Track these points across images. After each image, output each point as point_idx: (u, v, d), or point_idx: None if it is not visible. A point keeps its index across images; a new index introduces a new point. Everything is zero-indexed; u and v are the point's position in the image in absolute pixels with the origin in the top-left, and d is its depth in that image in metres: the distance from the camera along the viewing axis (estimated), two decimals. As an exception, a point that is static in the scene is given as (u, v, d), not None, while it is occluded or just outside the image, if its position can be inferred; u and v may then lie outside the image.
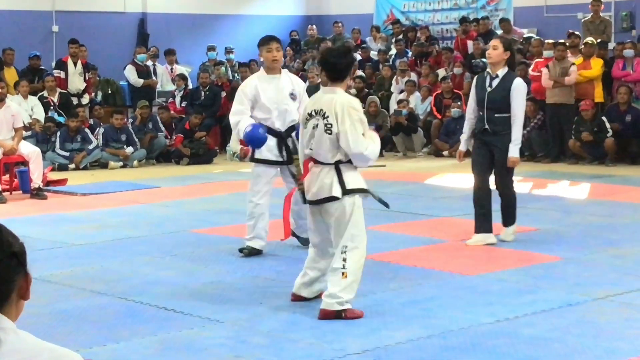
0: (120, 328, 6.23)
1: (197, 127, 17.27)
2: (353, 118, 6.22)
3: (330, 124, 6.23)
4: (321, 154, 6.33)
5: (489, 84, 8.66)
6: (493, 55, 8.64)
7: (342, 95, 6.35)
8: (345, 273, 6.27)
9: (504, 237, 8.95)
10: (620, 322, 6.26)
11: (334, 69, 6.41)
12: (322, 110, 6.29)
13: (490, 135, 8.67)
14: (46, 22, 20.46)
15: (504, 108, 8.57)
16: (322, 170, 6.33)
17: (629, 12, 19.29)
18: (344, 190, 6.28)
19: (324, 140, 6.28)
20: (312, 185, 6.38)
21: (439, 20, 22.15)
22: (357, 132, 6.20)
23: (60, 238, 9.52)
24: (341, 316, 6.28)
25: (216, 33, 22.34)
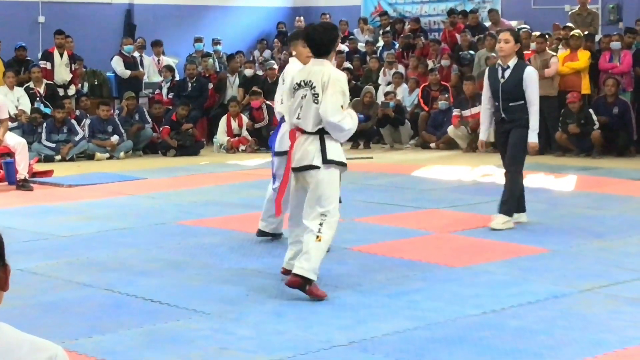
0: (106, 320, 6.21)
1: (184, 119, 17.23)
2: (335, 89, 6.48)
3: (317, 94, 6.51)
4: (307, 123, 6.58)
5: (502, 75, 9.08)
6: (505, 49, 9.02)
7: (329, 67, 6.63)
8: (320, 237, 6.52)
9: (494, 224, 9.10)
10: (607, 314, 6.27)
11: (318, 45, 6.68)
12: (310, 81, 6.57)
13: (507, 123, 9.13)
14: (32, 12, 20.38)
15: (517, 96, 9.01)
16: (307, 139, 6.59)
17: (616, 4, 19.33)
18: (324, 159, 6.54)
19: (311, 109, 6.55)
20: (296, 152, 6.64)
21: (427, 12, 22.14)
22: (335, 102, 6.46)
23: (46, 229, 9.48)
24: (305, 288, 6.49)
25: (203, 24, 22.28)
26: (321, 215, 6.55)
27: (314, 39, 6.73)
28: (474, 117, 16.74)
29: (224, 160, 15.99)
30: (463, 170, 14.06)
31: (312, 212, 6.57)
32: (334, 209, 6.61)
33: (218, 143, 17.50)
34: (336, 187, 6.67)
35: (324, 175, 6.57)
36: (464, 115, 16.84)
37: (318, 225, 6.53)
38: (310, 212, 6.59)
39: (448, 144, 17.09)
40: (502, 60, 9.13)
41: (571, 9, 18.68)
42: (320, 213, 6.55)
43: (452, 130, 16.90)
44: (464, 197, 11.43)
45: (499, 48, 9.17)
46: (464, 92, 17.07)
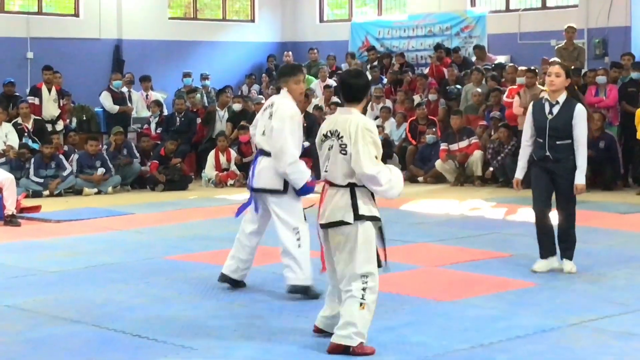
0: (94, 356, 6.19)
1: (172, 154, 17.24)
2: (366, 139, 6.05)
3: (345, 144, 6.08)
4: (336, 176, 6.16)
5: (549, 111, 8.57)
6: (557, 83, 8.54)
7: (358, 116, 6.18)
8: (364, 305, 6.07)
9: (571, 269, 8.67)
10: (595, 347, 6.28)
11: (352, 89, 6.24)
12: (337, 131, 6.14)
13: (551, 162, 8.57)
14: (21, 48, 20.41)
15: (566, 135, 8.50)
16: (337, 193, 6.15)
17: (602, 39, 19.47)
18: (355, 216, 6.10)
19: (338, 161, 6.13)
20: (326, 207, 6.20)
21: (414, 47, 22.26)
22: (368, 154, 6.02)
23: (33, 265, 9.45)
24: (349, 350, 6.05)
25: (192, 59, 22.36)
26: (362, 277, 6.07)
27: (348, 84, 6.26)
28: (461, 150, 16.82)
29: (212, 194, 15.99)
30: (451, 204, 14.09)
31: (350, 274, 6.10)
32: (374, 270, 6.15)
33: (206, 177, 17.50)
34: (373, 246, 6.18)
35: (357, 232, 6.10)
36: (451, 149, 16.90)
37: (361, 291, 6.05)
38: (347, 274, 6.11)
39: (436, 178, 17.13)
40: (551, 95, 8.59)
41: (557, 43, 18.80)
42: (360, 275, 6.07)
43: (439, 164, 16.95)
44: (452, 230, 11.44)
45: (550, 82, 8.58)
46: (451, 126, 17.14)
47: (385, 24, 23.00)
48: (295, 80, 7.82)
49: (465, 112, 17.68)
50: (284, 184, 7.67)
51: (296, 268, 7.65)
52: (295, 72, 7.93)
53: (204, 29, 23.33)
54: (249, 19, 24.41)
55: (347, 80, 6.29)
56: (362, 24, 23.42)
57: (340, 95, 6.41)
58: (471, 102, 17.93)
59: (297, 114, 7.71)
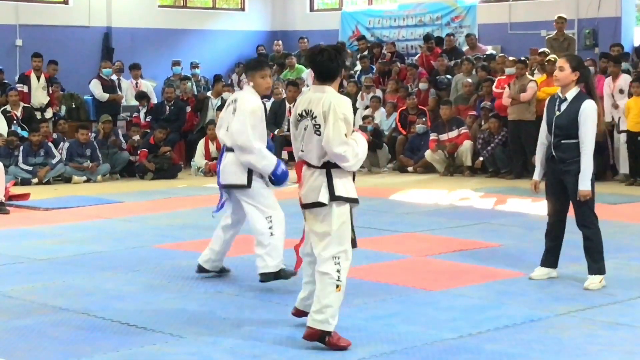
0: (82, 344, 6.19)
1: (161, 142, 17.22)
2: (337, 116, 5.96)
3: (319, 125, 6.00)
4: (311, 156, 6.07)
5: (558, 107, 7.90)
6: (560, 77, 7.87)
7: (331, 94, 6.08)
8: (340, 286, 6.03)
9: (588, 285, 7.76)
10: (583, 337, 6.29)
11: (324, 68, 6.12)
12: (311, 111, 6.04)
13: (557, 163, 7.87)
14: (10, 35, 20.33)
15: (571, 134, 7.77)
16: (313, 173, 6.07)
17: (592, 29, 19.49)
18: (331, 196, 6.01)
19: (313, 141, 6.03)
20: (303, 188, 6.13)
21: (404, 37, 22.24)
22: (337, 131, 5.93)
23: (22, 253, 9.43)
24: (324, 340, 6.01)
25: (181, 48, 22.31)
26: (334, 258, 6.00)
27: (318, 62, 6.13)
28: (451, 140, 16.83)
29: (202, 183, 15.98)
30: (440, 194, 14.11)
31: (325, 254, 6.03)
32: (347, 251, 6.05)
33: (196, 166, 17.49)
34: (347, 226, 6.07)
35: (333, 213, 6.01)
36: (441, 139, 16.91)
37: (337, 273, 5.99)
38: (322, 253, 6.05)
39: (425, 168, 17.15)
40: (561, 90, 7.93)
41: (547, 34, 18.81)
42: (332, 255, 6.00)
43: (429, 154, 16.96)
44: (441, 220, 11.46)
45: (554, 77, 8.06)
46: (441, 116, 17.15)
47: (375, 13, 22.99)
48: (261, 74, 7.82)
49: (455, 102, 17.69)
50: (248, 178, 7.72)
51: (267, 257, 7.69)
52: (261, 66, 7.92)
53: (194, 17, 23.28)
54: (239, 7, 24.35)
55: (318, 59, 6.16)
56: (352, 13, 23.40)
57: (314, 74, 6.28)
58: (461, 92, 17.93)
59: (259, 108, 7.69)
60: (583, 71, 7.93)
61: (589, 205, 7.87)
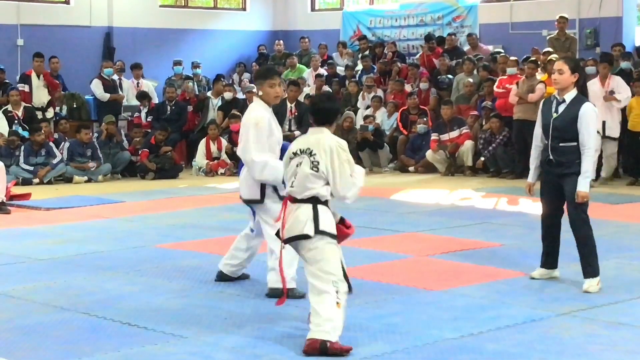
0: (83, 344, 6.19)
1: (162, 142, 17.22)
2: (342, 158, 6.20)
3: (317, 162, 6.16)
4: (300, 190, 6.18)
5: (555, 109, 7.78)
6: (560, 81, 7.72)
7: (330, 136, 6.29)
8: (340, 304, 6.02)
9: (587, 288, 7.68)
10: (584, 337, 6.29)
11: (323, 113, 6.36)
12: (309, 149, 6.20)
13: (555, 167, 7.81)
14: (11, 35, 20.32)
15: (570, 136, 7.68)
16: (300, 207, 6.17)
17: (593, 29, 19.47)
18: (316, 229, 6.10)
19: (306, 177, 6.16)
20: (287, 222, 6.22)
21: (405, 37, 22.23)
22: (345, 174, 6.21)
23: (23, 253, 9.44)
24: (326, 347, 5.95)
25: (183, 47, 22.30)
26: (333, 283, 6.03)
27: (320, 107, 6.40)
28: (452, 140, 16.83)
29: (203, 183, 15.98)
30: (441, 193, 14.10)
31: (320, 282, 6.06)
32: (341, 279, 6.10)
33: (197, 166, 17.49)
34: (338, 258, 6.18)
35: (320, 245, 6.11)
36: (442, 139, 16.91)
37: (335, 293, 6.02)
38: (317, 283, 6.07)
39: (426, 168, 17.15)
40: (559, 93, 7.80)
41: (549, 33, 18.80)
42: (332, 281, 6.04)
43: (430, 154, 16.96)
44: (442, 220, 11.46)
45: (553, 80, 7.86)
46: (442, 116, 17.15)
47: (376, 13, 22.98)
48: (270, 83, 7.70)
49: (456, 102, 17.68)
50: (261, 193, 7.62)
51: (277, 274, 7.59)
52: (270, 74, 7.80)
53: (195, 17, 23.27)
54: (240, 7, 24.35)
55: (319, 105, 6.43)
56: (353, 13, 23.39)
57: (311, 117, 6.49)
58: (462, 92, 17.93)
59: (262, 119, 7.53)
60: (582, 73, 7.90)
61: (583, 208, 7.85)
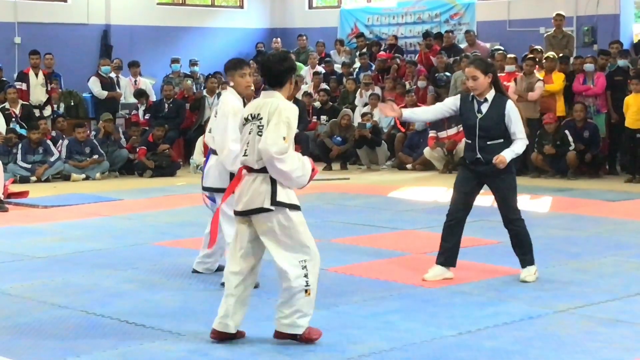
0: (81, 342, 6.18)
1: (160, 140, 17.21)
2: (280, 118, 5.88)
3: (262, 126, 5.94)
4: (254, 160, 5.96)
5: (478, 109, 7.76)
6: (477, 86, 7.70)
7: (279, 99, 6.04)
8: (309, 290, 5.97)
9: (525, 277, 7.85)
10: (582, 334, 6.29)
11: (272, 74, 6.10)
12: (258, 115, 5.99)
13: (483, 166, 7.75)
14: (8, 33, 20.32)
15: (497, 134, 7.71)
16: (256, 178, 5.96)
17: (591, 26, 19.48)
18: (272, 201, 5.90)
19: (256, 144, 5.94)
20: (243, 194, 6.01)
21: (403, 34, 22.24)
22: (277, 132, 5.84)
23: (21, 250, 9.43)
24: (295, 338, 6.02)
25: (180, 45, 22.30)
26: (300, 262, 5.93)
27: (268, 68, 6.13)
28: (450, 138, 16.83)
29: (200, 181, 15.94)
30: (439, 191, 14.10)
31: (287, 260, 5.94)
32: (312, 251, 5.98)
33: (195, 164, 17.44)
34: (305, 227, 6.00)
35: (282, 218, 5.91)
36: (440, 137, 16.92)
37: (304, 278, 5.92)
38: (284, 261, 5.94)
39: (424, 165, 17.15)
40: (478, 95, 7.79)
41: (546, 31, 18.81)
42: (299, 261, 5.93)
43: (428, 152, 16.96)
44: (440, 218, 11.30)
45: (470, 87, 7.75)
46: (440, 113, 17.12)
47: (374, 10, 22.99)
48: (240, 73, 7.80)
49: (454, 100, 17.66)
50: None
51: None
52: (240, 65, 7.89)
53: (193, 14, 23.27)
54: (237, 5, 24.35)
55: (267, 66, 6.17)
56: (351, 11, 23.40)
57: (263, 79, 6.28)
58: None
59: (239, 109, 7.48)
60: (493, 70, 7.90)
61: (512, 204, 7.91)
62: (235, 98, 7.78)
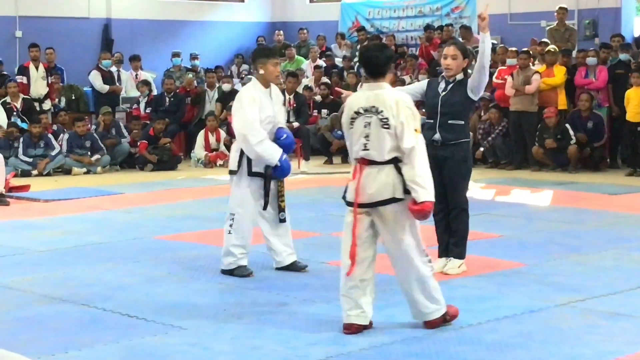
0: (83, 335, 6.19)
1: (161, 133, 17.20)
2: (407, 113, 5.99)
3: (387, 118, 5.98)
4: (380, 152, 6.04)
5: (444, 88, 7.79)
6: (454, 66, 7.75)
7: (392, 90, 6.17)
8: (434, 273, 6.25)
9: (448, 270, 7.95)
10: (583, 328, 6.30)
11: (375, 64, 6.15)
12: (373, 107, 6.03)
13: (439, 149, 7.69)
14: (9, 27, 20.30)
15: (459, 113, 7.73)
16: (382, 170, 6.05)
17: (592, 20, 19.45)
18: (405, 190, 6.00)
19: (381, 136, 6.01)
20: (367, 187, 6.08)
21: (404, 28, 22.21)
22: (411, 128, 5.97)
23: (22, 244, 9.44)
24: (446, 319, 6.24)
25: (181, 39, 22.27)
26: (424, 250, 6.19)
27: (369, 58, 6.17)
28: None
29: (202, 174, 15.98)
30: (440, 185, 14.08)
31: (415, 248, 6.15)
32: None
33: (196, 158, 17.48)
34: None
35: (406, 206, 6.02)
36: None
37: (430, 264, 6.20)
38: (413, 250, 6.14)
39: (425, 159, 17.10)
40: (448, 76, 7.83)
41: (547, 24, 18.78)
42: (422, 249, 6.17)
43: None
44: (441, 211, 11.42)
45: (446, 65, 7.77)
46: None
47: (375, 4, 22.95)
48: (274, 62, 7.87)
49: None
50: (238, 164, 7.82)
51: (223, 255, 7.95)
52: (273, 54, 8.03)
53: (194, 8, 23.23)
54: (238, -2, 24.34)
55: (369, 56, 6.20)
56: (352, 4, 23.36)
57: (364, 70, 6.32)
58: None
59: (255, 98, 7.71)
60: (470, 59, 8.02)
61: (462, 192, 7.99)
62: (254, 87, 7.84)
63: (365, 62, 6.26)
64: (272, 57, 7.88)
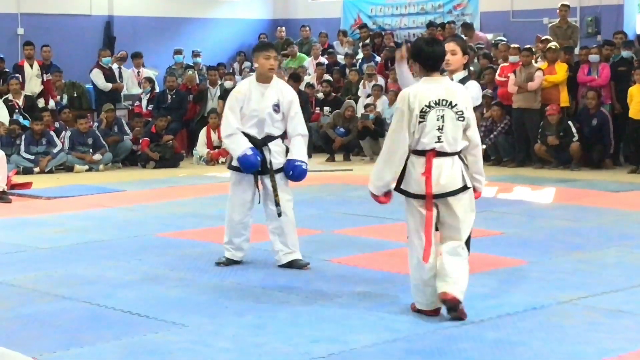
0: (85, 332, 6.19)
1: (163, 131, 17.20)
2: (472, 107, 6.42)
3: (462, 111, 6.26)
4: (453, 143, 6.29)
5: None
6: (454, 62, 7.41)
7: (455, 83, 6.48)
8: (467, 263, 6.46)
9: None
10: (585, 325, 6.29)
11: (436, 57, 6.40)
12: (444, 100, 6.25)
13: None
14: (11, 24, 20.31)
15: None
16: (452, 161, 6.32)
17: (594, 17, 19.42)
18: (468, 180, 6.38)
19: (456, 128, 6.29)
20: (440, 178, 6.29)
21: (406, 25, 22.20)
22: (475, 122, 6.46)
23: (24, 242, 9.44)
24: (458, 307, 6.34)
25: (183, 36, 22.28)
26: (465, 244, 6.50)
27: (434, 52, 6.38)
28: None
29: (204, 172, 15.98)
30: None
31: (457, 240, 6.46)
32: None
33: (198, 155, 17.48)
34: None
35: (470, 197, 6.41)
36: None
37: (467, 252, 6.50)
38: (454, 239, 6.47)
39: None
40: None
41: (550, 21, 18.76)
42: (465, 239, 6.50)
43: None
44: (443, 209, 11.42)
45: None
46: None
47: (377, 1, 22.93)
48: (265, 55, 8.04)
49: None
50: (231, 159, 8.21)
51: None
52: (265, 48, 8.21)
53: (196, 5, 23.23)
54: (240, -5, 24.33)
55: (425, 50, 6.39)
56: (354, 2, 23.34)
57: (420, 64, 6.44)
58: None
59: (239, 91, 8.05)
60: (470, 55, 8.05)
61: None
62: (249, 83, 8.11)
63: (426, 56, 6.39)
64: (263, 51, 8.08)
